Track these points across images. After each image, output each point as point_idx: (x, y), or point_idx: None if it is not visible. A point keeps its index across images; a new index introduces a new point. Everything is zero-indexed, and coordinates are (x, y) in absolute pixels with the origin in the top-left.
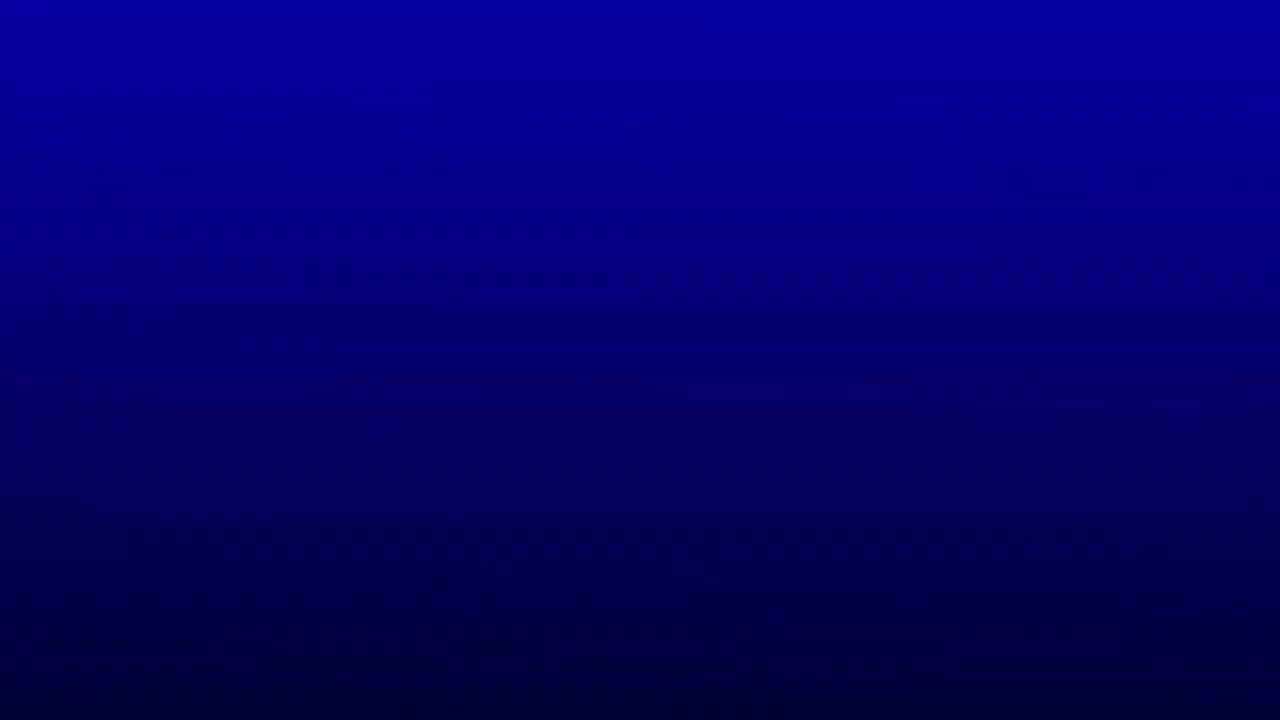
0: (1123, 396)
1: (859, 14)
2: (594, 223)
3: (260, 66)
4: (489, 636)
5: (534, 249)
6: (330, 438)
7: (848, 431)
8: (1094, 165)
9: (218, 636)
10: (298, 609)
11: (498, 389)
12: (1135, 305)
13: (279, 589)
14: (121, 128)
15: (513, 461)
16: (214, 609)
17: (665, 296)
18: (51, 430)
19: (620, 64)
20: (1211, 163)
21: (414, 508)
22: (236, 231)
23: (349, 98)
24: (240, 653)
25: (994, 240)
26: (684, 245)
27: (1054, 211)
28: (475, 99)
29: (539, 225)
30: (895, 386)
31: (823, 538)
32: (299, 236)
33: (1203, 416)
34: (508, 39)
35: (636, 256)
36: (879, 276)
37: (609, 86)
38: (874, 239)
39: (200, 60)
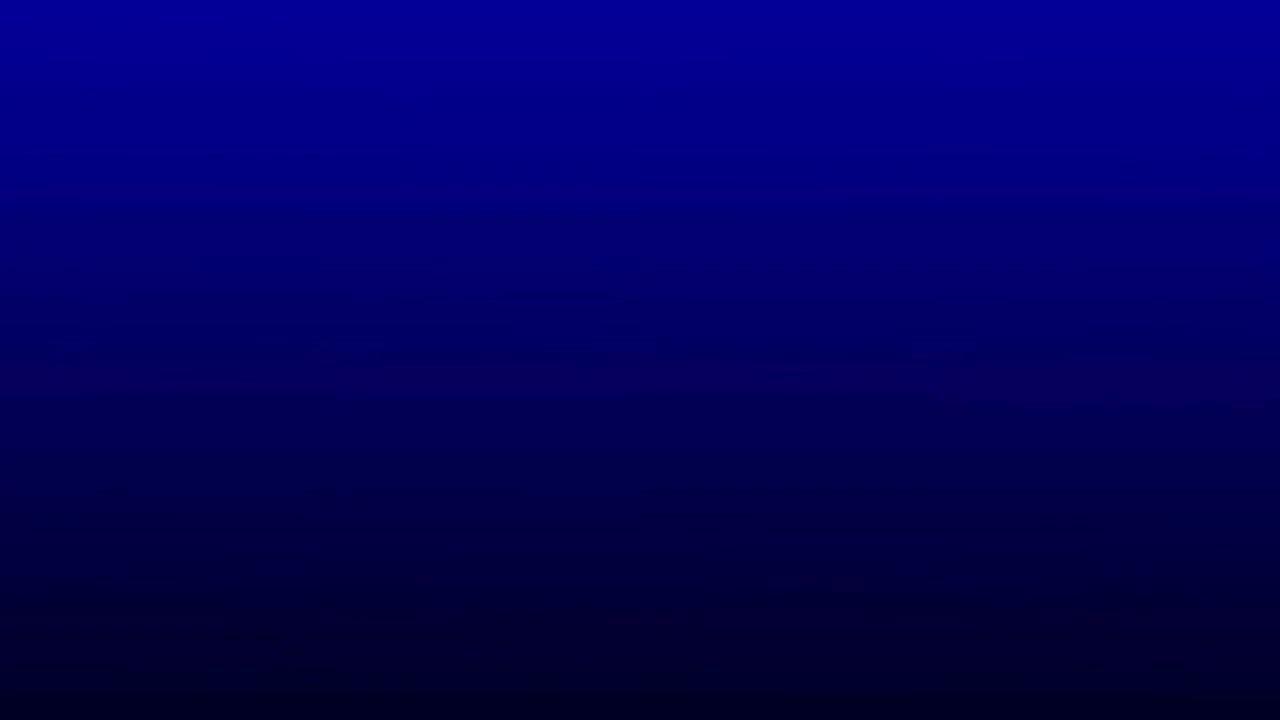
0: (1123, 394)
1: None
2: (591, 218)
3: (252, 60)
4: (484, 633)
5: (532, 246)
6: (329, 436)
7: (847, 428)
8: (1093, 164)
9: (214, 633)
10: (295, 605)
11: (496, 386)
12: (1135, 303)
13: (276, 585)
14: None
15: (509, 456)
16: (211, 605)
17: (663, 293)
18: (48, 425)
19: (620, 62)
20: (1211, 161)
21: (412, 502)
22: (232, 227)
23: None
24: (236, 650)
25: (993, 238)
26: (685, 243)
27: (1054, 210)
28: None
29: (536, 221)
30: (895, 382)
31: (818, 534)
32: (295, 232)
33: (1203, 413)
34: (504, 36)
35: (637, 253)
36: (877, 272)
37: (607, 82)
38: (872, 237)
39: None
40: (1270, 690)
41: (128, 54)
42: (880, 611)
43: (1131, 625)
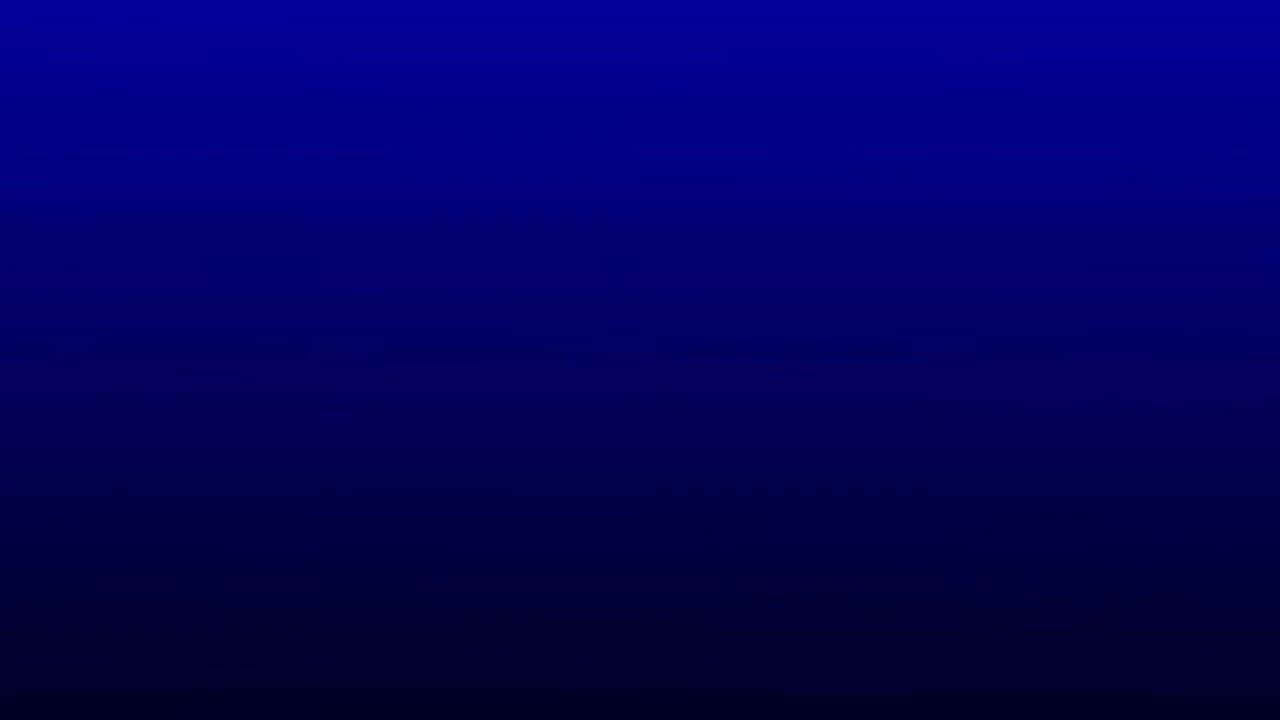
0: (1124, 393)
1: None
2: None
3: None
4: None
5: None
6: (329, 436)
7: (847, 426)
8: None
9: (214, 633)
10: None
11: (497, 385)
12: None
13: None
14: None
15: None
16: (210, 604)
17: (663, 293)
18: (49, 425)
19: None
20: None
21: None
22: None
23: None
24: (236, 650)
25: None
26: (685, 243)
27: (1056, 209)
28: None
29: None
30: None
31: (816, 534)
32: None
33: (1203, 412)
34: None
35: (638, 253)
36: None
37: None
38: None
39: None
40: (1270, 690)
41: (128, 54)
42: (880, 611)
43: (1131, 625)
